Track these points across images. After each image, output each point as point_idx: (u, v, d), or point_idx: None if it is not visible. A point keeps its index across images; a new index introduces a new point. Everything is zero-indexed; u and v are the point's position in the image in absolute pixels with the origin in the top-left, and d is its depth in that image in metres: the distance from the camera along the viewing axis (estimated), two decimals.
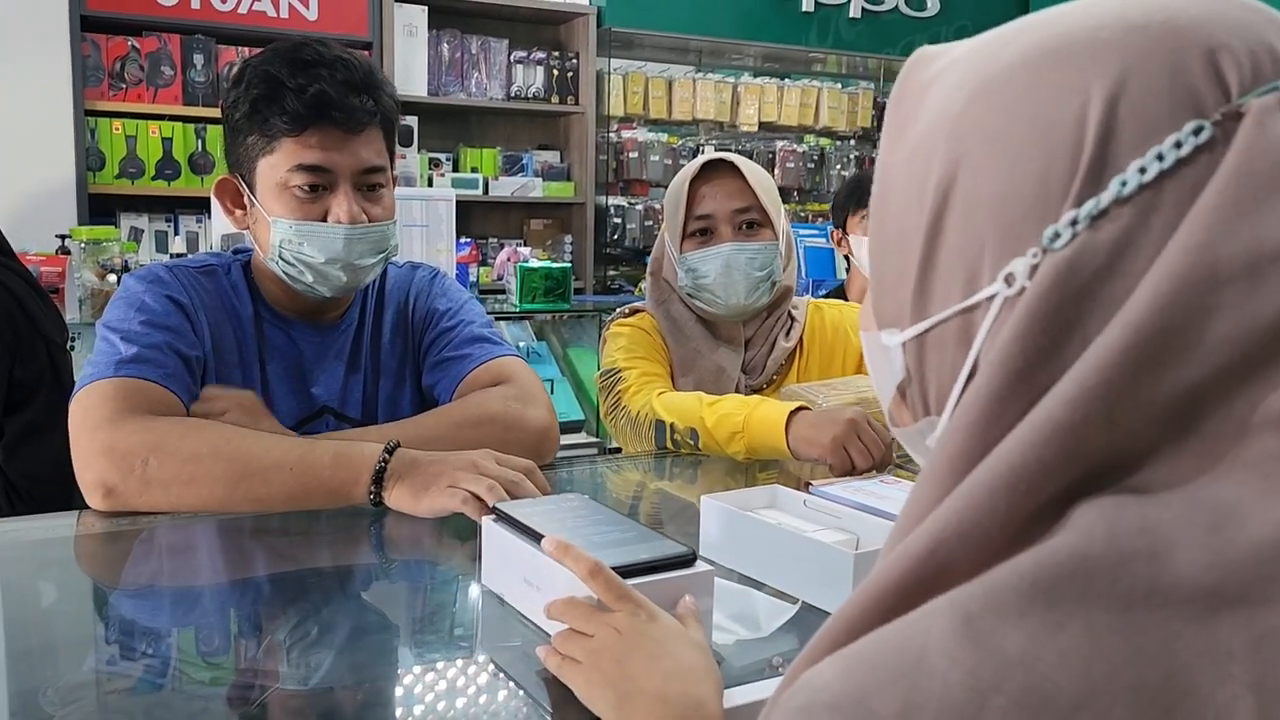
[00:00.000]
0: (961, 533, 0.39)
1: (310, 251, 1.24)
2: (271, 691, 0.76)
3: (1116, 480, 0.38)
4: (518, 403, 1.28)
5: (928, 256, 0.45)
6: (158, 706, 0.74)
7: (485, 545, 0.92)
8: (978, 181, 0.43)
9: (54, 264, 2.59)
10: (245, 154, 1.25)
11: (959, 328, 0.44)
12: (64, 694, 0.75)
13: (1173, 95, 0.39)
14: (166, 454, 1.09)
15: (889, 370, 0.50)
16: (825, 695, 0.37)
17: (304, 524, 1.12)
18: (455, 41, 4.17)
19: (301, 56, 1.22)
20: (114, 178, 3.57)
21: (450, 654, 0.84)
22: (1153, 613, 0.35)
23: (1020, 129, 0.42)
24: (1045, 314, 0.40)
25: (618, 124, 4.58)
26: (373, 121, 1.25)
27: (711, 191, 1.55)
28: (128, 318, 1.21)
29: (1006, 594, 0.37)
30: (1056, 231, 0.40)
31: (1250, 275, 0.37)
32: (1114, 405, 0.37)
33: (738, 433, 1.36)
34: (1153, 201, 0.39)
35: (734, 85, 4.82)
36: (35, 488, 1.82)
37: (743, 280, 1.54)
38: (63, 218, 3.36)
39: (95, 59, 3.53)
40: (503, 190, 4.25)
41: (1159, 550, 0.36)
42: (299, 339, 1.35)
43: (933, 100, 0.46)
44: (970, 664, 0.35)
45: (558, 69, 4.33)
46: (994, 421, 0.40)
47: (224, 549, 1.10)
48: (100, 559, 1.11)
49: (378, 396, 1.38)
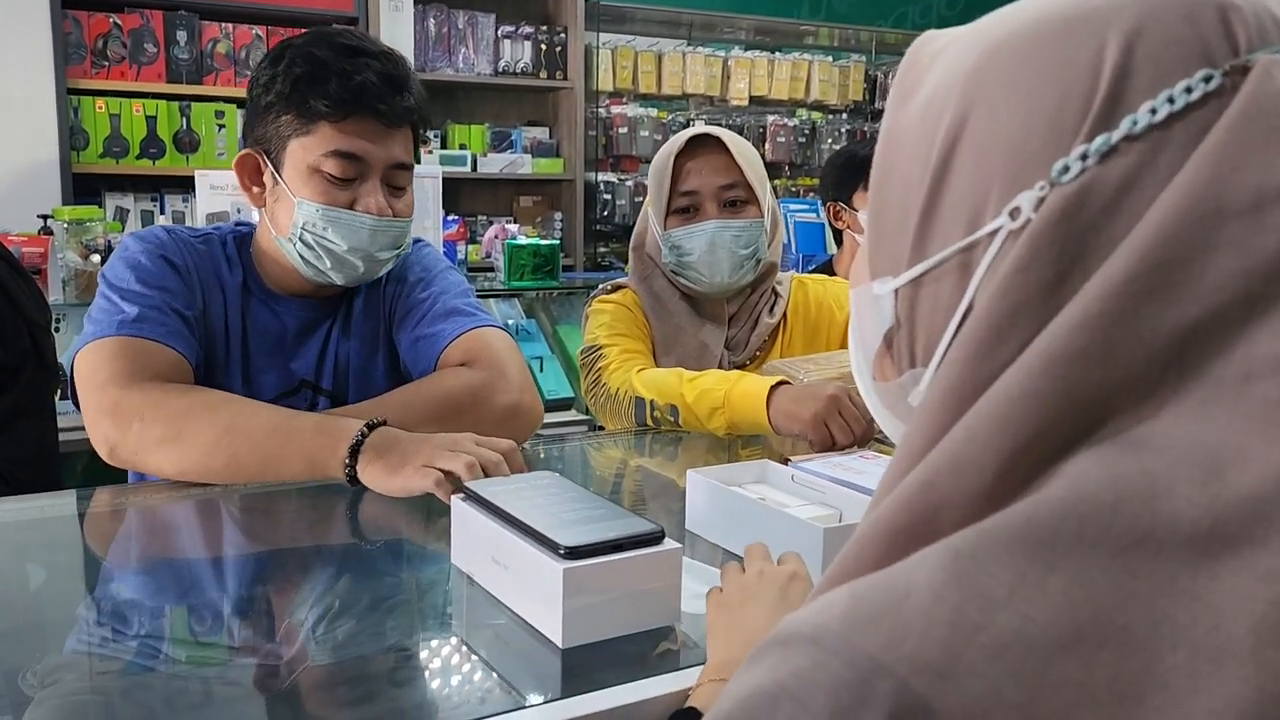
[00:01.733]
0: (955, 468, 0.38)
1: (334, 238, 1.25)
2: (245, 668, 0.75)
3: (1115, 429, 0.38)
4: (485, 384, 1.26)
5: (931, 200, 0.45)
6: (138, 688, 0.74)
7: (454, 525, 0.92)
8: (990, 123, 0.43)
9: (36, 244, 2.57)
10: (276, 132, 1.25)
11: (957, 267, 0.44)
12: (42, 675, 0.74)
13: (1187, 45, 0.40)
14: (158, 412, 1.12)
15: (877, 320, 0.49)
16: (806, 628, 0.37)
17: (285, 503, 1.12)
18: (442, 16, 4.13)
19: (347, 43, 1.23)
20: (98, 157, 3.54)
21: (420, 633, 0.84)
22: (1148, 556, 0.34)
23: (1037, 71, 0.43)
24: (1049, 246, 0.40)
25: (607, 99, 4.55)
26: (410, 118, 1.27)
27: (697, 167, 1.54)
28: (125, 277, 1.23)
29: (998, 535, 0.36)
30: (1066, 165, 0.41)
31: (1255, 211, 0.37)
32: (1114, 337, 0.37)
33: (718, 408, 1.36)
34: (1162, 141, 0.39)
35: (724, 59, 4.79)
36: (18, 470, 1.81)
37: (727, 258, 1.53)
38: (46, 198, 3.33)
39: (77, 36, 3.49)
40: (491, 167, 4.22)
41: (1158, 493, 0.35)
42: (284, 314, 1.35)
43: (943, 64, 0.47)
44: (956, 601, 0.35)
45: (546, 43, 4.29)
46: (990, 354, 0.40)
47: (206, 529, 1.10)
48: (81, 539, 1.11)
49: (349, 366, 1.37)
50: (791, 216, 4.20)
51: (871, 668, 0.35)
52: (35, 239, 2.64)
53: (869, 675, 0.34)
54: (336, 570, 0.99)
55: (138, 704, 0.71)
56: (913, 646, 0.34)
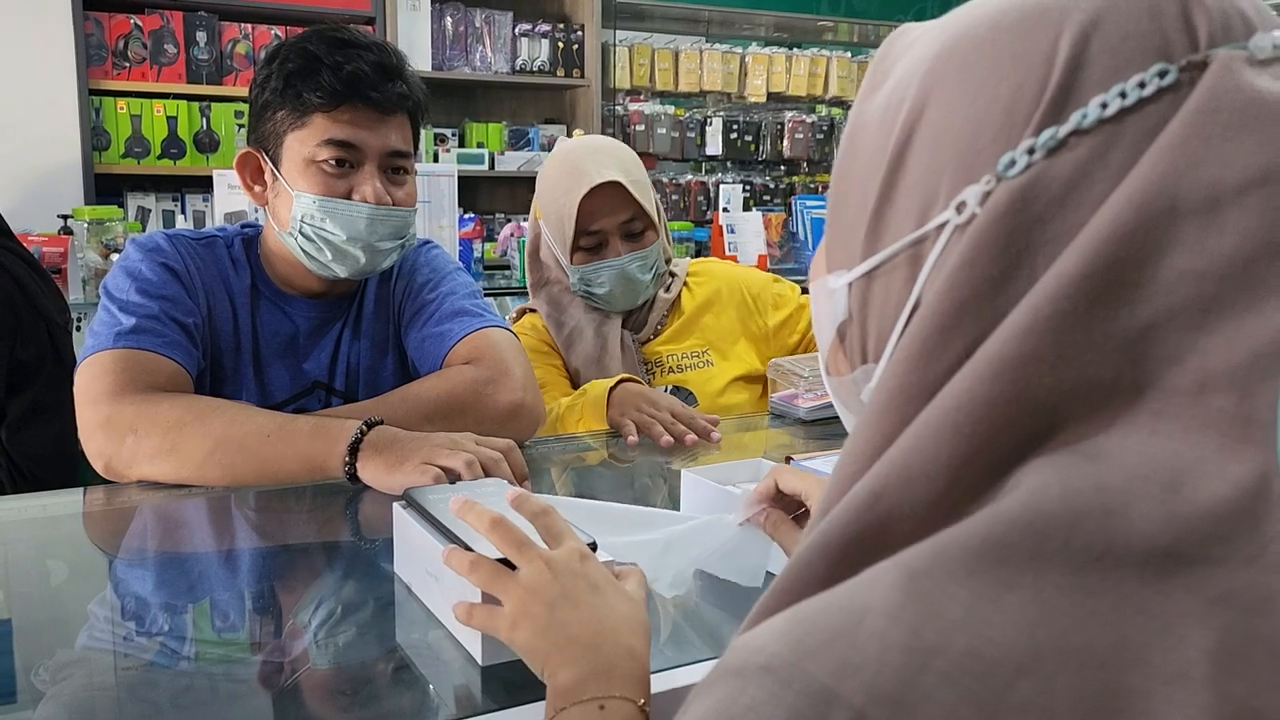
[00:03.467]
0: (905, 479, 0.37)
1: (332, 228, 1.25)
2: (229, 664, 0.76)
3: (1070, 437, 0.36)
4: (488, 382, 1.26)
5: (886, 192, 0.44)
6: (143, 685, 0.75)
7: (396, 533, 0.89)
8: (944, 114, 0.42)
9: (56, 244, 2.60)
10: (273, 129, 1.26)
11: (907, 261, 0.43)
12: (53, 671, 0.76)
13: (1145, 38, 0.39)
14: (152, 424, 1.12)
15: (831, 313, 0.49)
16: (760, 657, 0.35)
17: (285, 502, 1.12)
18: (459, 15, 4.14)
19: (339, 37, 1.25)
20: (120, 157, 3.57)
21: (355, 644, 0.81)
22: (1106, 574, 0.33)
23: (992, 62, 0.42)
24: (994, 243, 0.39)
25: (624, 96, 4.55)
26: (403, 106, 1.27)
27: (598, 207, 1.57)
28: (125, 287, 1.23)
29: (954, 551, 0.35)
30: (1013, 159, 0.39)
31: (1210, 210, 0.36)
32: (1065, 340, 0.36)
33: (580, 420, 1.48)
34: (1113, 136, 0.38)
35: (741, 55, 4.77)
36: (38, 467, 1.84)
37: (635, 285, 1.62)
38: (69, 198, 3.37)
39: (98, 37, 3.52)
40: (509, 165, 4.23)
41: (1114, 509, 0.34)
42: (295, 315, 1.35)
43: (910, 56, 0.46)
44: (911, 624, 0.34)
45: (563, 41, 4.29)
46: (936, 354, 0.39)
47: (215, 527, 1.11)
48: (98, 536, 1.12)
49: (360, 365, 1.38)
50: (809, 213, 4.19)
51: (826, 698, 0.33)
52: (55, 239, 2.67)
53: (823, 707, 0.33)
54: (303, 575, 0.99)
55: (141, 700, 0.72)
56: (869, 674, 0.33)
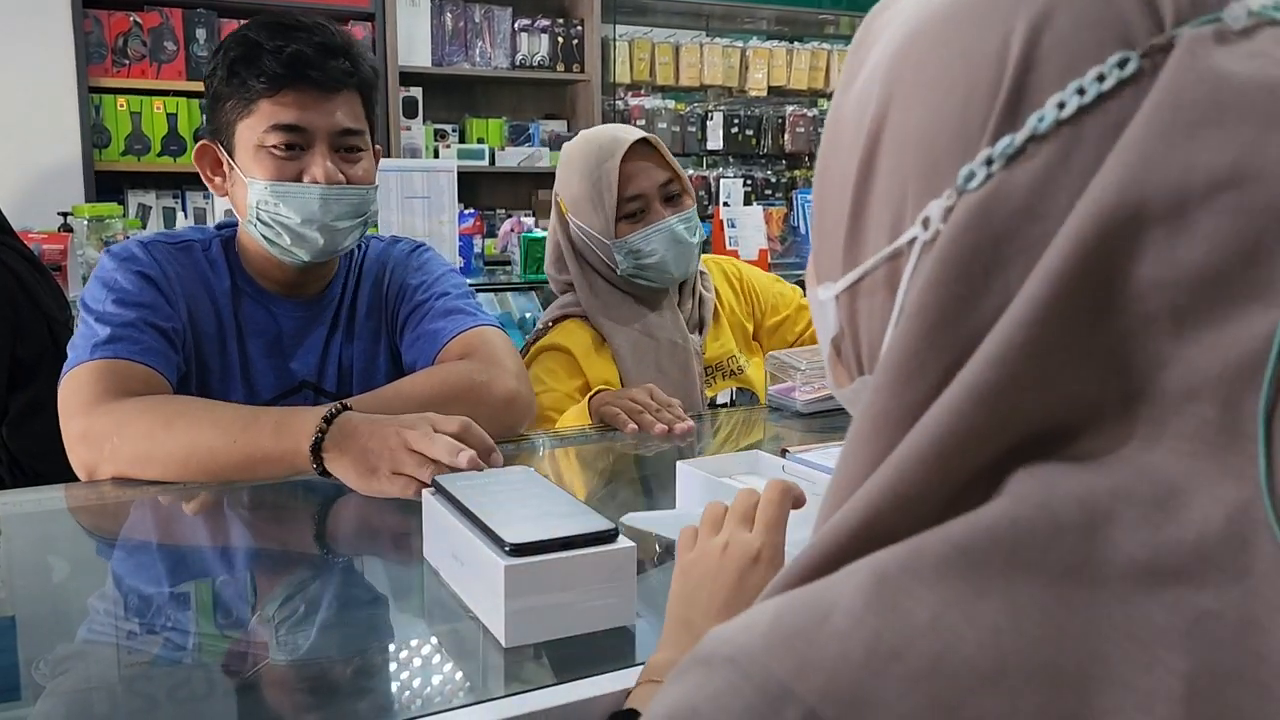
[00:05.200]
0: (897, 506, 0.36)
1: (287, 212, 1.25)
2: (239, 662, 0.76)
3: (1057, 447, 0.35)
4: (485, 375, 1.27)
5: (859, 201, 0.42)
6: (139, 679, 0.75)
7: (425, 520, 0.91)
8: (904, 119, 0.40)
9: (56, 241, 2.61)
10: (224, 119, 1.27)
11: (886, 275, 0.41)
12: (52, 665, 0.76)
13: (1102, 26, 0.36)
14: (127, 434, 1.12)
15: (825, 326, 0.47)
16: (727, 649, 0.35)
17: (294, 488, 1.13)
18: (458, 10, 4.14)
19: (280, 22, 1.24)
20: (120, 154, 3.57)
21: (381, 629, 0.84)
22: (1082, 588, 0.32)
23: (946, 61, 0.39)
24: (959, 261, 0.36)
25: (625, 91, 4.54)
26: (349, 84, 1.26)
27: (636, 170, 1.57)
28: (101, 298, 1.23)
29: (927, 557, 0.34)
30: (971, 171, 0.37)
31: (1178, 214, 0.33)
32: (1045, 362, 0.34)
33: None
34: (1073, 139, 0.36)
35: (742, 49, 4.76)
36: (38, 463, 1.84)
37: (686, 249, 1.60)
38: (70, 196, 3.37)
39: (98, 35, 3.52)
40: (509, 161, 4.23)
41: (1097, 523, 0.33)
42: (279, 314, 1.35)
43: (881, 44, 0.44)
44: (875, 626, 0.33)
45: (562, 36, 4.29)
46: (913, 378, 0.37)
47: (224, 517, 1.11)
48: (98, 530, 1.13)
49: (353, 367, 1.38)
50: (810, 207, 4.19)
51: (781, 695, 0.33)
52: (55, 236, 2.68)
53: (778, 703, 0.33)
54: (316, 565, 1.00)
55: (150, 693, 0.73)
56: (825, 675, 0.33)
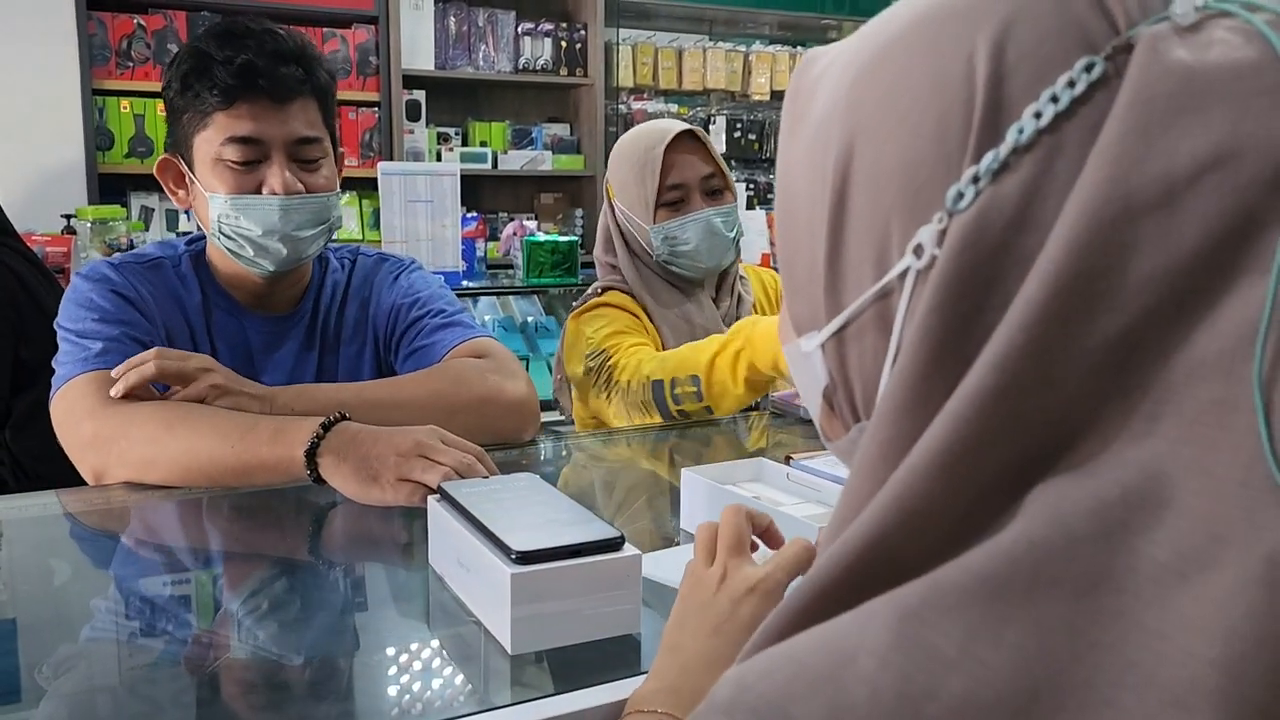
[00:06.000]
0: (902, 522, 0.35)
1: (247, 224, 1.24)
2: (221, 662, 0.76)
3: (1066, 458, 0.35)
4: (496, 374, 1.27)
5: (834, 243, 0.42)
6: (162, 681, 0.75)
7: (431, 526, 0.91)
8: (876, 153, 0.40)
9: (59, 244, 2.61)
10: (182, 132, 1.26)
11: (876, 315, 0.41)
12: (54, 668, 0.76)
13: (1062, 34, 0.37)
14: (133, 437, 1.12)
15: (813, 379, 0.46)
16: (749, 696, 0.34)
17: (300, 493, 1.12)
18: (462, 14, 4.14)
19: (230, 31, 1.23)
20: (123, 157, 3.58)
21: (384, 636, 0.84)
22: (1109, 600, 0.32)
23: (912, 89, 0.40)
24: (960, 279, 0.37)
25: (628, 95, 4.54)
26: (303, 91, 1.25)
27: (679, 161, 1.61)
28: (80, 317, 1.22)
29: (949, 588, 0.33)
30: (960, 191, 0.37)
31: (1166, 203, 0.34)
32: (1047, 364, 0.34)
33: (741, 350, 1.36)
34: (1054, 146, 0.36)
35: (745, 54, 4.77)
36: (41, 465, 1.84)
37: (721, 241, 1.62)
38: (73, 198, 3.37)
39: (101, 37, 3.53)
40: (512, 164, 4.23)
41: (1111, 531, 0.32)
42: (249, 327, 1.34)
43: (825, 87, 0.44)
44: (903, 666, 0.32)
45: (566, 40, 4.29)
46: (923, 401, 0.37)
47: (231, 520, 1.11)
48: (101, 533, 1.13)
49: None
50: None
51: None
52: (58, 238, 2.68)
53: None
54: (321, 571, 0.99)
55: (158, 696, 0.72)
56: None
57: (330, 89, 1.30)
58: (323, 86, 1.28)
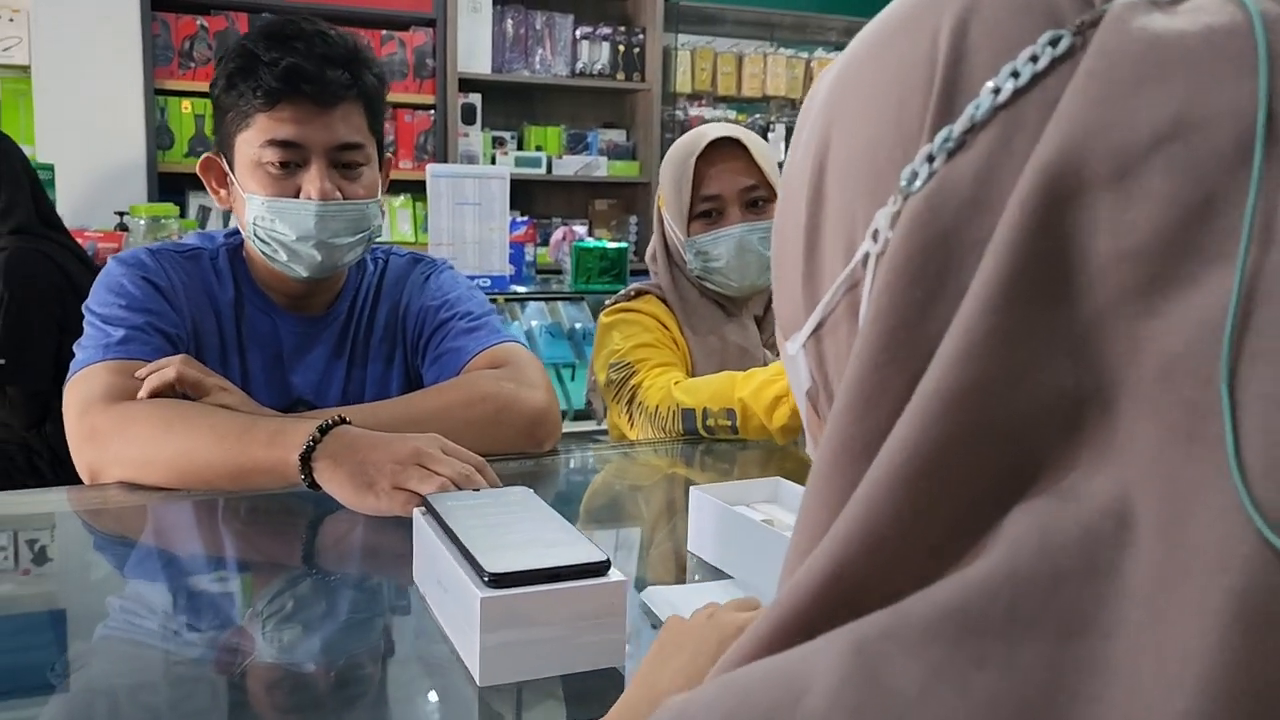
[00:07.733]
0: (869, 548, 0.32)
1: (283, 229, 1.22)
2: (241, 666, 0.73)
3: (1052, 475, 0.31)
4: (513, 384, 1.23)
5: (811, 239, 0.40)
6: (163, 682, 0.74)
7: (415, 540, 0.86)
8: (846, 141, 0.39)
9: (111, 240, 2.65)
10: (225, 131, 1.24)
11: (847, 307, 0.38)
12: (67, 665, 0.76)
13: (1030, 10, 0.35)
14: (130, 435, 1.10)
15: (798, 383, 0.44)
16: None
17: (307, 501, 1.10)
18: (520, 17, 4.13)
19: (280, 31, 1.21)
20: (183, 156, 3.62)
21: (355, 658, 0.79)
22: (1098, 642, 0.28)
23: (877, 76, 0.38)
24: (910, 262, 0.34)
25: (685, 101, 4.50)
26: (349, 96, 1.22)
27: (717, 171, 1.51)
28: (108, 302, 1.22)
29: (914, 620, 0.30)
30: (914, 171, 0.35)
31: (1120, 179, 0.31)
32: (1011, 353, 0.31)
33: (781, 397, 1.29)
34: (1012, 122, 0.34)
35: (807, 60, 4.69)
36: None
37: (755, 260, 1.51)
38: (132, 196, 3.42)
39: (165, 38, 3.59)
40: (566, 169, 4.21)
41: (1098, 565, 0.29)
42: (282, 326, 1.33)
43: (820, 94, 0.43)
44: (854, 704, 0.29)
45: (624, 45, 4.26)
46: (876, 397, 0.34)
47: (241, 525, 1.09)
48: (128, 529, 1.11)
49: (362, 391, 1.35)
50: None
51: None
52: (110, 234, 2.72)
53: None
54: (307, 584, 0.96)
55: (156, 694, 0.71)
56: None
57: (379, 94, 1.28)
58: (370, 91, 1.25)
